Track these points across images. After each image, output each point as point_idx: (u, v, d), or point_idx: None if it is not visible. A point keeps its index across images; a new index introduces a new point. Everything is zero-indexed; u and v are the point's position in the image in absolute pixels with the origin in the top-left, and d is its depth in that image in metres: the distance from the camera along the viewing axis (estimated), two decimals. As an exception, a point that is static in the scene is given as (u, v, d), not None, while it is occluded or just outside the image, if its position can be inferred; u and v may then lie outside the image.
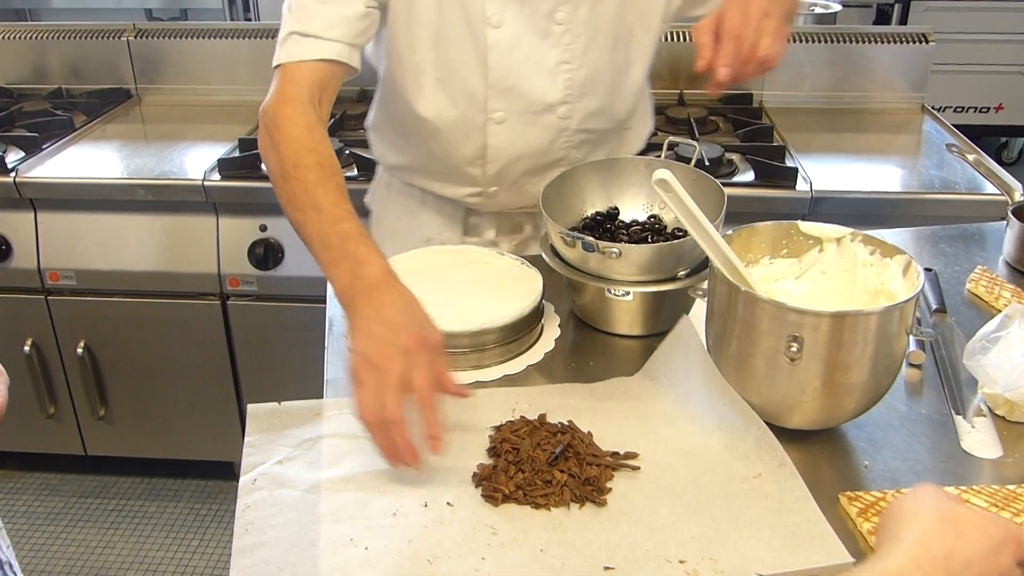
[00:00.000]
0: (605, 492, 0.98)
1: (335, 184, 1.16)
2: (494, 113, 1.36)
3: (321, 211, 1.12)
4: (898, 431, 1.08)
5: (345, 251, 1.08)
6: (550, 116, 1.38)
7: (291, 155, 1.17)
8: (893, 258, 1.08)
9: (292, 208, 1.16)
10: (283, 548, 0.92)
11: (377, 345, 0.98)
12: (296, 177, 1.16)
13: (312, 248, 1.13)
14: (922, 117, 2.53)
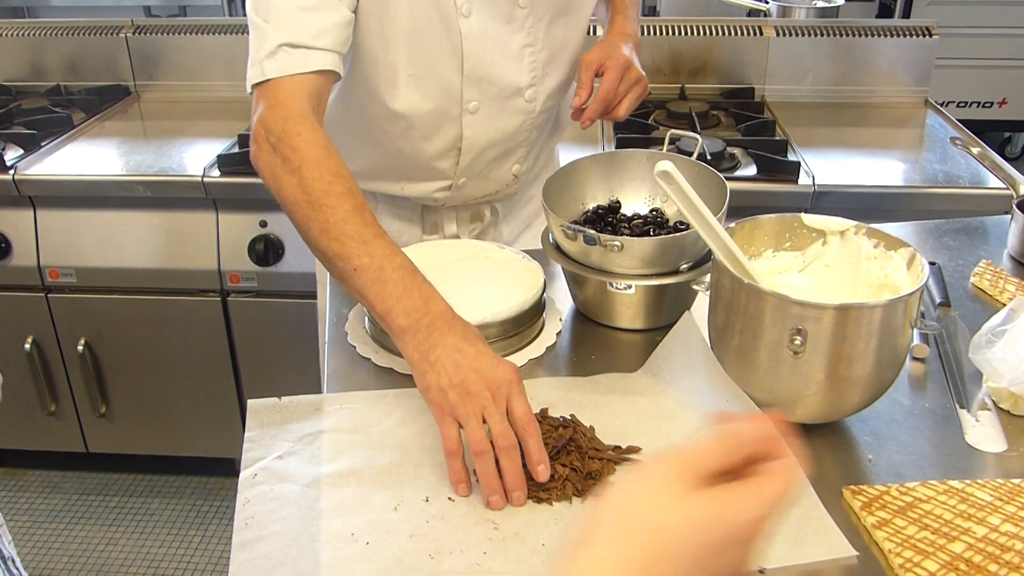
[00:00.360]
0: (607, 486, 0.97)
1: (370, 214, 1.11)
2: (469, 103, 1.35)
3: (368, 243, 1.07)
4: (902, 425, 1.08)
5: (407, 286, 1.04)
6: (518, 100, 1.40)
7: (319, 181, 1.10)
8: (897, 251, 1.07)
9: (326, 238, 1.09)
10: (283, 543, 0.91)
11: (470, 377, 0.97)
12: (329, 206, 1.09)
13: (357, 281, 1.07)
14: (925, 111, 2.52)
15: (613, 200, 1.37)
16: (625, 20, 1.48)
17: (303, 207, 1.11)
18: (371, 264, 1.06)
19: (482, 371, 0.97)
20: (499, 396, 0.96)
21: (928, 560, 0.86)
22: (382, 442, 1.05)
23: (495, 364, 0.98)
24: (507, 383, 0.97)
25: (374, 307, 1.06)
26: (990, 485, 0.95)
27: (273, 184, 1.15)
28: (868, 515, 0.92)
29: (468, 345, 1.00)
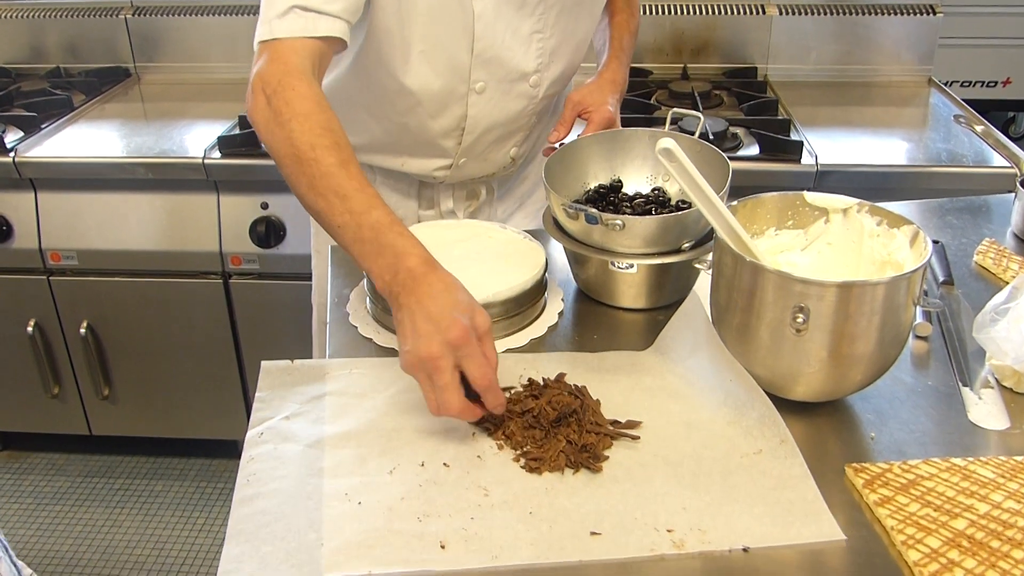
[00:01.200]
0: (601, 460, 0.97)
1: (356, 168, 1.10)
2: (476, 83, 1.36)
3: (346, 198, 1.07)
4: (904, 403, 1.07)
5: (381, 244, 1.05)
6: (523, 84, 1.41)
7: (305, 134, 1.10)
8: (900, 228, 1.07)
9: (312, 194, 1.09)
10: (280, 500, 0.93)
11: (426, 345, 0.97)
12: (314, 159, 1.09)
13: (341, 238, 1.09)
14: (929, 90, 2.51)
15: (615, 179, 1.37)
16: (619, 67, 1.50)
17: (291, 161, 1.11)
18: (351, 222, 1.06)
19: (429, 335, 0.97)
20: (443, 363, 0.96)
21: (930, 537, 0.86)
22: (385, 407, 1.07)
23: (442, 327, 0.97)
24: (451, 347, 0.97)
25: (361, 265, 1.08)
26: (993, 462, 0.95)
27: (267, 138, 1.15)
28: (870, 492, 0.92)
29: (428, 305, 0.99)
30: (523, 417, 1.02)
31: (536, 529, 0.89)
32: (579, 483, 0.95)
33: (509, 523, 0.90)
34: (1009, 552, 0.84)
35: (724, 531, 0.89)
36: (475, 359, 0.98)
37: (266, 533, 0.90)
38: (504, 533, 0.89)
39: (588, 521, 0.90)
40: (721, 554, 0.86)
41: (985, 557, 0.84)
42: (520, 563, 0.85)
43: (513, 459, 0.99)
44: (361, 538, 0.88)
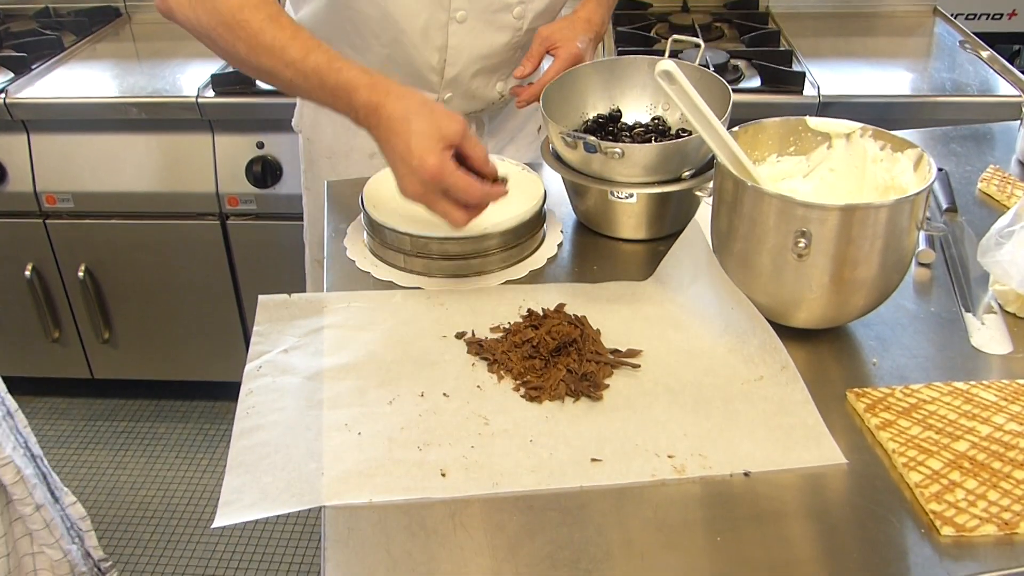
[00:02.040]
0: (601, 388, 0.97)
1: (286, 18, 1.11)
2: (456, 12, 1.33)
3: (285, 50, 1.09)
4: (906, 329, 1.07)
5: (330, 89, 1.08)
6: (506, 16, 1.37)
7: (228, 0, 1.10)
8: (904, 152, 1.05)
9: (253, 56, 1.11)
10: (280, 431, 0.94)
11: (409, 185, 1.05)
12: (244, 20, 1.09)
13: (300, 93, 1.14)
14: (933, 20, 2.46)
15: (614, 109, 1.34)
16: (596, 7, 1.41)
17: (223, 30, 1.11)
18: (296, 74, 1.10)
19: (407, 177, 1.04)
20: (432, 196, 1.04)
21: (932, 459, 0.86)
22: (384, 339, 1.06)
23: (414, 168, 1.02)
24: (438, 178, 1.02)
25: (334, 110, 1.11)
26: (995, 386, 0.95)
27: (188, 15, 1.14)
28: (872, 416, 0.91)
29: (394, 143, 1.03)
30: (522, 347, 1.02)
31: (536, 456, 0.89)
32: (579, 411, 0.95)
33: (509, 451, 0.90)
34: (1010, 473, 0.84)
35: (725, 456, 0.89)
36: (456, 188, 1.03)
37: (266, 464, 0.90)
38: (504, 460, 0.89)
39: (589, 448, 0.90)
40: (722, 478, 0.86)
41: (986, 478, 0.83)
42: (521, 489, 0.85)
43: (513, 388, 0.98)
44: (362, 467, 0.88)
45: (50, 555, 1.39)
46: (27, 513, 1.34)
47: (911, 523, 0.81)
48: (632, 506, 0.84)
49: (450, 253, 1.17)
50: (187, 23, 1.16)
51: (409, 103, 1.04)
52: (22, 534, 1.37)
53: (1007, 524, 0.79)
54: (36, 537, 1.37)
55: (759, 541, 0.80)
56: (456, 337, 1.06)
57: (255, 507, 0.85)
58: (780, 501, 0.84)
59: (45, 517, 1.36)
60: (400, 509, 0.84)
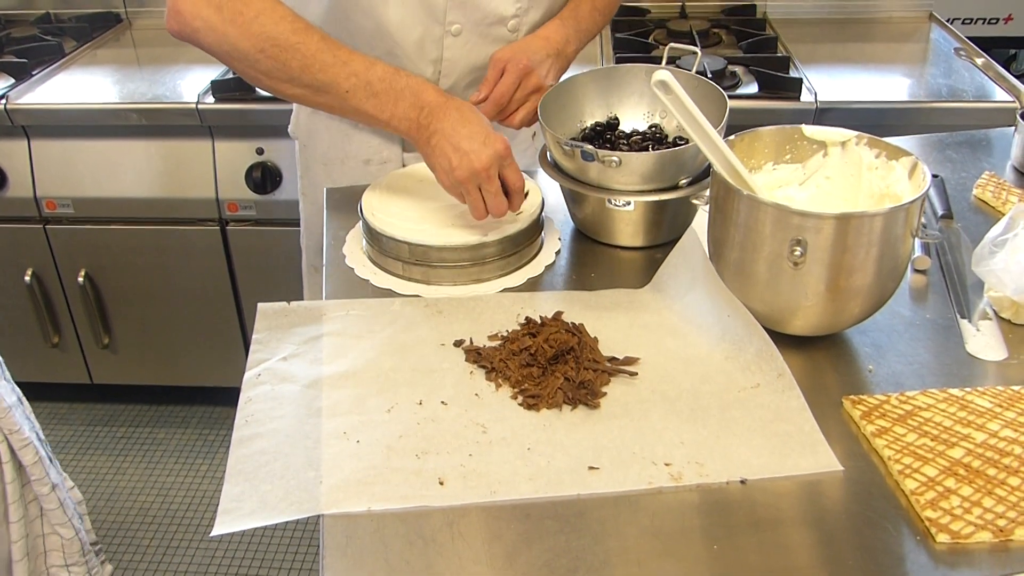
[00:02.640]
0: (599, 396, 0.98)
1: (336, 41, 1.19)
2: (451, 26, 1.33)
3: (347, 63, 1.17)
4: (902, 336, 1.07)
5: (397, 90, 1.17)
6: (501, 29, 1.36)
7: (279, 24, 1.16)
8: (899, 160, 1.06)
9: (309, 74, 1.17)
10: (278, 439, 0.94)
11: (477, 158, 1.12)
12: (301, 42, 1.16)
13: (352, 102, 1.18)
14: (929, 25, 2.47)
15: (611, 117, 1.35)
16: (560, 27, 1.37)
17: (273, 52, 1.17)
18: (359, 82, 1.17)
19: (476, 151, 1.13)
20: (493, 171, 1.13)
21: (927, 466, 0.86)
22: (383, 347, 1.07)
23: (487, 142, 1.13)
24: (499, 157, 1.14)
25: (377, 119, 1.19)
26: (990, 392, 0.96)
27: (223, 41, 1.18)
28: (868, 424, 0.92)
29: (462, 126, 1.14)
30: (520, 355, 1.03)
31: (534, 464, 0.89)
32: (577, 419, 0.96)
33: (507, 459, 0.90)
34: (1005, 480, 0.84)
35: (721, 464, 0.89)
36: (514, 166, 1.16)
37: (265, 472, 0.90)
38: (502, 469, 0.89)
39: (586, 456, 0.90)
40: (719, 486, 0.87)
41: (982, 485, 0.84)
42: (518, 498, 0.86)
43: (511, 397, 0.99)
44: (360, 475, 0.88)
45: (62, 534, 1.44)
46: (44, 493, 1.40)
47: (907, 530, 0.82)
48: (629, 514, 0.84)
49: (448, 261, 1.18)
50: (218, 44, 1.19)
51: (474, 107, 1.19)
52: (35, 515, 1.41)
53: (1002, 531, 0.80)
54: (50, 517, 1.43)
55: (756, 549, 0.81)
56: (454, 345, 1.07)
57: (254, 515, 0.85)
58: (776, 508, 0.85)
59: (60, 496, 1.41)
60: (398, 517, 0.84)
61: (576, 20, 1.39)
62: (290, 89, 1.20)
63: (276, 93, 1.23)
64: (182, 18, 1.19)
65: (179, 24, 1.20)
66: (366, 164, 1.47)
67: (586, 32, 1.41)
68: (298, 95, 1.21)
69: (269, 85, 1.21)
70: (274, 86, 1.21)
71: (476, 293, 1.17)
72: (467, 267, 1.18)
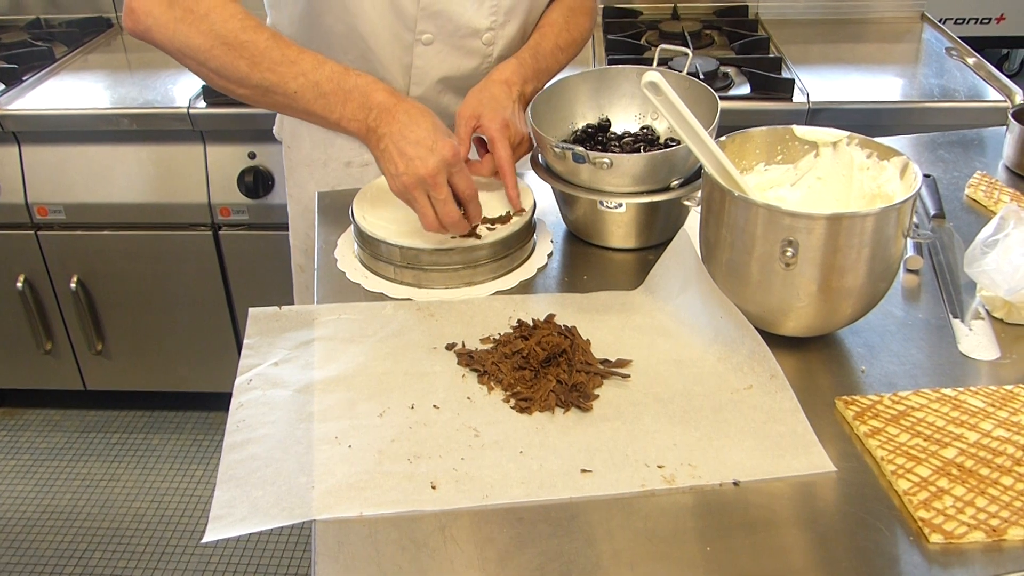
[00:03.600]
0: (591, 398, 0.97)
1: (287, 39, 1.17)
2: (422, 35, 1.32)
3: (295, 63, 1.15)
4: (895, 336, 1.07)
5: (345, 90, 1.15)
6: (475, 41, 1.35)
7: (229, 22, 1.14)
8: (890, 160, 1.06)
9: (257, 72, 1.15)
10: (270, 445, 0.94)
11: (423, 164, 1.10)
12: (248, 40, 1.14)
13: (300, 103, 1.16)
14: (921, 25, 2.48)
15: (603, 118, 1.35)
16: (518, 68, 1.31)
17: (221, 51, 1.15)
18: (307, 82, 1.15)
19: (422, 157, 1.10)
20: (440, 178, 1.11)
21: (920, 466, 0.86)
22: (375, 351, 1.06)
23: (434, 148, 1.10)
24: (446, 164, 1.11)
25: (327, 120, 1.17)
26: (983, 392, 0.95)
27: (173, 39, 1.17)
28: (860, 424, 0.92)
29: (410, 130, 1.11)
30: (512, 358, 1.02)
31: (527, 468, 0.89)
32: (569, 422, 0.95)
33: (499, 462, 0.90)
34: (998, 479, 0.84)
35: (714, 465, 0.89)
36: (463, 174, 1.13)
37: (256, 478, 0.89)
38: (494, 472, 0.89)
39: (578, 459, 0.90)
40: (712, 488, 0.87)
41: (974, 484, 0.84)
42: (511, 501, 0.86)
43: (503, 400, 0.99)
44: (352, 480, 0.88)
45: None
46: None
47: (900, 530, 0.81)
48: (622, 517, 0.84)
49: (440, 264, 1.17)
50: (169, 42, 1.18)
51: (425, 108, 1.15)
52: None
53: (995, 530, 0.80)
54: None
55: (749, 550, 0.80)
56: (446, 348, 1.07)
57: (246, 521, 0.85)
58: (770, 510, 0.84)
59: None
60: (390, 522, 0.84)
61: (535, 59, 1.34)
62: (240, 89, 1.19)
63: (228, 93, 1.21)
64: (135, 16, 1.19)
65: (132, 22, 1.19)
66: (347, 166, 1.47)
67: (546, 71, 1.37)
68: (248, 95, 1.20)
69: (221, 84, 1.20)
70: (225, 85, 1.20)
71: (468, 296, 1.17)
72: (459, 270, 1.18)
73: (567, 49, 1.40)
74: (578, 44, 1.43)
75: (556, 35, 1.38)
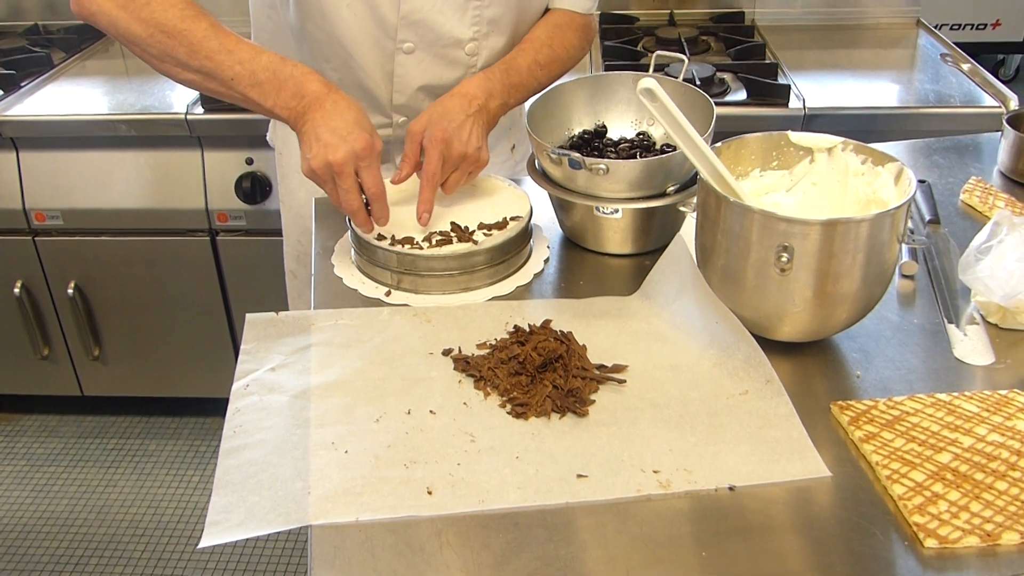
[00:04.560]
0: (587, 404, 0.98)
1: (226, 29, 1.20)
2: (403, 44, 1.32)
3: (232, 52, 1.18)
4: (890, 341, 1.07)
5: (280, 79, 1.17)
6: (458, 52, 1.34)
7: (168, 11, 1.17)
8: (885, 166, 1.06)
9: (195, 60, 1.18)
10: (266, 450, 0.94)
11: (333, 151, 1.13)
12: (188, 29, 1.17)
13: (235, 89, 1.19)
14: (917, 31, 2.48)
15: (599, 124, 1.35)
16: (482, 81, 1.28)
17: (160, 38, 1.18)
18: (243, 70, 1.18)
19: (334, 145, 1.13)
20: (347, 167, 1.14)
21: (915, 471, 0.86)
22: (371, 357, 1.07)
23: (347, 138, 1.13)
24: (355, 155, 1.13)
25: (262, 106, 1.20)
26: (977, 397, 0.96)
27: (117, 22, 1.19)
28: (856, 429, 0.92)
29: (332, 119, 1.14)
30: (509, 364, 1.02)
31: (523, 473, 0.89)
32: (565, 427, 0.95)
33: (496, 468, 0.90)
34: (992, 484, 0.85)
35: (710, 470, 0.89)
36: (372, 170, 1.15)
37: (253, 483, 0.90)
38: (491, 478, 0.89)
39: (574, 464, 0.90)
40: (707, 493, 0.87)
41: (969, 489, 0.84)
42: (507, 507, 0.86)
43: (499, 405, 0.99)
44: (348, 486, 0.88)
45: None
46: None
47: (895, 535, 0.82)
48: (618, 522, 0.84)
49: (437, 270, 1.17)
50: (112, 27, 1.21)
51: (355, 102, 1.18)
52: None
53: (989, 535, 0.80)
54: None
55: (745, 555, 0.80)
56: (443, 354, 1.07)
57: (242, 527, 0.85)
58: (765, 515, 0.85)
59: None
60: (386, 527, 0.84)
61: (506, 74, 1.31)
62: (182, 74, 1.21)
63: (171, 77, 1.24)
64: (81, 1, 1.21)
65: (78, 7, 1.22)
66: None
67: (519, 87, 1.33)
68: (189, 80, 1.22)
69: (162, 69, 1.23)
70: (167, 70, 1.22)
71: (465, 302, 1.17)
72: (456, 276, 1.18)
73: (548, 66, 1.36)
74: (562, 61, 1.39)
75: (536, 51, 1.35)
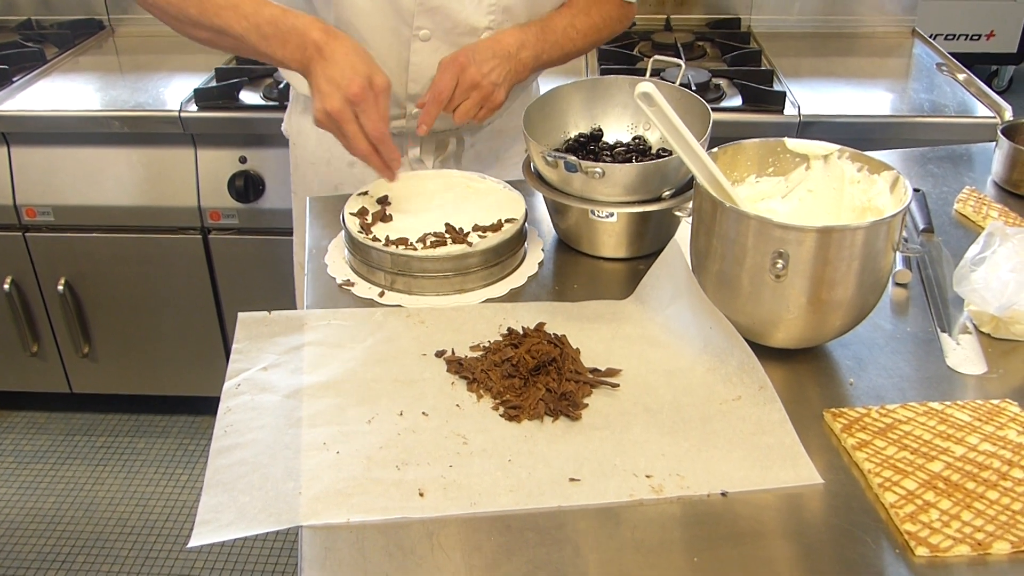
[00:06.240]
0: (580, 407, 0.97)
1: None
2: (419, 30, 1.32)
3: (237, 7, 1.20)
4: (883, 349, 1.08)
5: (283, 31, 1.19)
6: (473, 39, 1.34)
7: None
8: (881, 174, 1.06)
9: (206, 17, 1.21)
10: (257, 450, 0.93)
11: (330, 101, 1.16)
12: None
13: (247, 44, 1.21)
14: (912, 41, 2.49)
15: (595, 128, 1.35)
16: (517, 31, 1.32)
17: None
18: (249, 25, 1.20)
19: (330, 94, 1.15)
20: (346, 113, 1.16)
21: (907, 479, 0.86)
22: (364, 357, 1.06)
23: (341, 84, 1.15)
24: (349, 102, 1.15)
25: (274, 59, 1.22)
26: (969, 406, 0.96)
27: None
28: (848, 436, 0.92)
29: (330, 68, 1.16)
30: (502, 366, 1.02)
31: (515, 476, 0.89)
32: (558, 431, 0.95)
33: (488, 470, 0.90)
34: (984, 493, 0.85)
35: (702, 476, 0.89)
36: (369, 114, 1.16)
37: (244, 483, 0.89)
38: (483, 480, 0.89)
39: (567, 468, 0.90)
40: (700, 498, 0.87)
41: (960, 498, 0.84)
42: (499, 509, 0.85)
43: (492, 408, 0.98)
44: (340, 486, 0.88)
45: None
46: None
47: (886, 543, 0.82)
48: (610, 526, 0.84)
49: (431, 271, 1.17)
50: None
51: (356, 46, 1.18)
52: None
53: (980, 544, 0.80)
54: None
55: (736, 561, 0.80)
56: (436, 356, 1.07)
57: (232, 526, 0.84)
58: (757, 521, 0.85)
59: None
60: (378, 529, 0.83)
61: (541, 28, 1.34)
62: (198, 32, 1.25)
63: (193, 39, 1.27)
64: None
65: None
66: (350, 166, 1.47)
67: (552, 44, 1.35)
68: (206, 38, 1.25)
69: (183, 30, 1.26)
70: (185, 30, 1.25)
71: (458, 303, 1.17)
72: (450, 277, 1.18)
73: (586, 32, 1.39)
74: (598, 29, 1.42)
75: (573, 16, 1.39)
